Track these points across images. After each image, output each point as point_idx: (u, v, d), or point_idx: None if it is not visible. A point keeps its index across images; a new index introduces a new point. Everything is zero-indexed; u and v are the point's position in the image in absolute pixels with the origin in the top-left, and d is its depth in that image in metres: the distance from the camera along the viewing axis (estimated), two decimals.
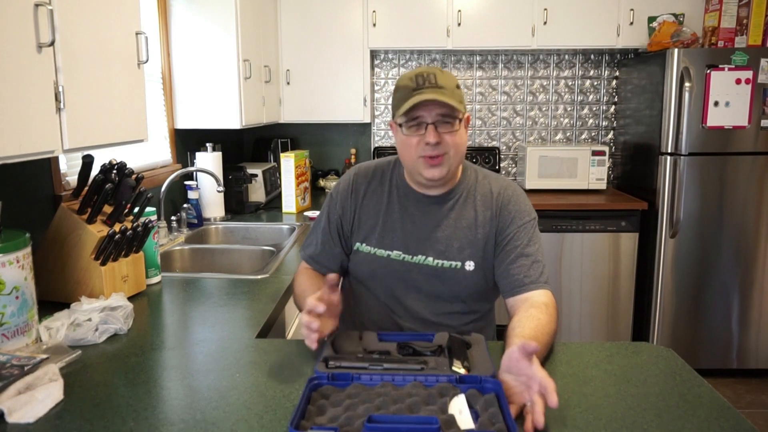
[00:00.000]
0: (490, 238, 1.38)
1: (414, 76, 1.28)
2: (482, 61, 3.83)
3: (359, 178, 1.46)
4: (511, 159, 3.93)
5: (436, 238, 1.38)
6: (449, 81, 1.29)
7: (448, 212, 1.39)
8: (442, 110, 1.27)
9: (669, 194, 3.07)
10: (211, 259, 2.36)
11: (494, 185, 1.42)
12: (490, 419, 0.94)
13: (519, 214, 1.38)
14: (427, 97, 1.24)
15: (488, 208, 1.39)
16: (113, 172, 1.60)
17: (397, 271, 1.40)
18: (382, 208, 1.42)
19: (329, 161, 3.94)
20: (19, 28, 1.17)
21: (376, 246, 1.41)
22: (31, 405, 1.01)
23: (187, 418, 1.00)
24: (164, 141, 2.74)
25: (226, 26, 2.64)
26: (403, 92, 1.28)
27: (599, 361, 1.22)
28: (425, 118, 1.27)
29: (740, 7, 3.16)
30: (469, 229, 1.38)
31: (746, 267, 3.11)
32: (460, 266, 1.37)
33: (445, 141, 1.28)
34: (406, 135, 1.31)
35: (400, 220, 1.40)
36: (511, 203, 1.39)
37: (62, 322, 1.35)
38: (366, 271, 1.43)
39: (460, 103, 1.28)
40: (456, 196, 1.40)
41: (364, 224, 1.43)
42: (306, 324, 1.14)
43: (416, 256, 1.38)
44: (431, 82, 1.26)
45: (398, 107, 1.29)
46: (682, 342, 3.17)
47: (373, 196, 1.44)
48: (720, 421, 0.98)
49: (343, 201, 1.45)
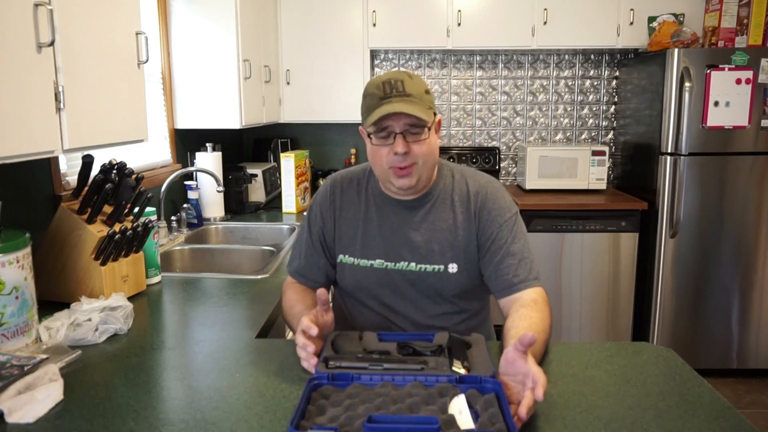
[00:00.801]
0: (471, 239, 1.36)
1: (381, 84, 1.26)
2: (482, 61, 3.83)
3: (335, 188, 1.45)
4: (511, 159, 3.93)
5: (416, 243, 1.37)
6: (418, 87, 1.26)
7: (425, 216, 1.38)
8: (410, 120, 1.25)
9: (669, 194, 3.07)
10: (211, 259, 2.36)
11: (471, 184, 1.40)
12: (490, 419, 0.94)
13: (499, 212, 1.36)
14: (395, 108, 1.22)
15: (466, 209, 1.37)
16: (113, 172, 1.60)
17: (382, 279, 1.39)
18: (360, 217, 1.41)
19: (329, 161, 3.94)
20: (19, 28, 1.17)
21: (359, 257, 1.40)
22: (31, 405, 1.01)
23: (187, 418, 1.00)
24: (164, 141, 2.74)
25: (226, 26, 2.64)
26: (371, 100, 1.27)
27: (599, 361, 1.22)
28: (393, 128, 1.26)
29: (740, 7, 3.16)
30: (449, 231, 1.37)
31: (746, 267, 3.11)
32: (443, 269, 1.36)
33: (414, 151, 1.27)
34: (375, 145, 1.29)
35: (378, 228, 1.40)
36: (488, 202, 1.37)
37: (62, 322, 1.35)
38: (352, 282, 1.42)
39: (429, 110, 1.27)
40: (432, 198, 1.39)
41: (344, 234, 1.42)
42: (302, 346, 1.15)
43: (398, 263, 1.38)
44: (399, 90, 1.24)
45: (366, 116, 1.28)
46: (682, 342, 3.17)
47: (350, 206, 1.43)
48: (720, 422, 0.98)
49: (323, 212, 1.45)
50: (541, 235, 3.19)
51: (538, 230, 3.18)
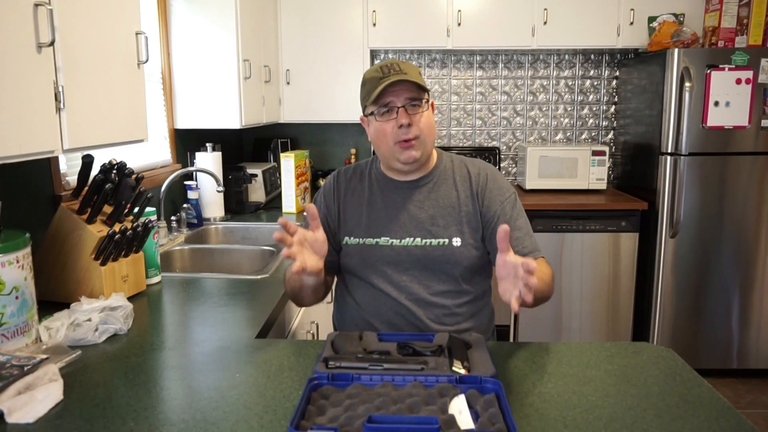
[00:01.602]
0: (475, 215, 1.43)
1: (379, 68, 1.37)
2: (482, 61, 3.83)
3: (340, 178, 1.54)
4: (511, 159, 3.93)
5: (421, 219, 1.43)
6: (412, 69, 1.38)
7: (429, 193, 1.46)
8: (410, 94, 1.35)
9: (669, 194, 3.07)
10: (210, 259, 2.36)
11: (471, 167, 1.49)
12: (490, 419, 0.94)
13: (500, 191, 1.45)
14: (396, 78, 1.33)
15: (468, 187, 1.45)
16: (113, 172, 1.60)
17: (387, 256, 1.43)
18: (364, 201, 1.48)
19: (329, 161, 3.94)
20: (19, 28, 1.17)
21: (364, 236, 1.45)
22: (30, 405, 1.01)
23: (187, 418, 1.00)
24: (164, 141, 2.74)
25: (226, 26, 2.64)
26: (371, 83, 1.37)
27: (599, 361, 1.22)
28: (395, 103, 1.35)
29: (740, 7, 3.16)
30: (452, 207, 1.44)
31: (746, 267, 3.11)
32: (447, 243, 1.42)
33: (416, 123, 1.36)
34: (379, 122, 1.38)
35: (383, 208, 1.46)
36: (489, 182, 1.46)
37: (62, 322, 1.35)
38: (357, 261, 1.46)
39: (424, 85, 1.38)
40: (434, 177, 1.47)
41: (350, 219, 1.48)
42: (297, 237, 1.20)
43: (404, 239, 1.43)
44: (395, 69, 1.35)
45: (368, 97, 1.37)
46: (682, 342, 3.17)
47: (354, 192, 1.50)
48: (720, 422, 0.98)
49: (328, 201, 1.51)
50: (541, 235, 3.18)
51: (538, 230, 3.18)
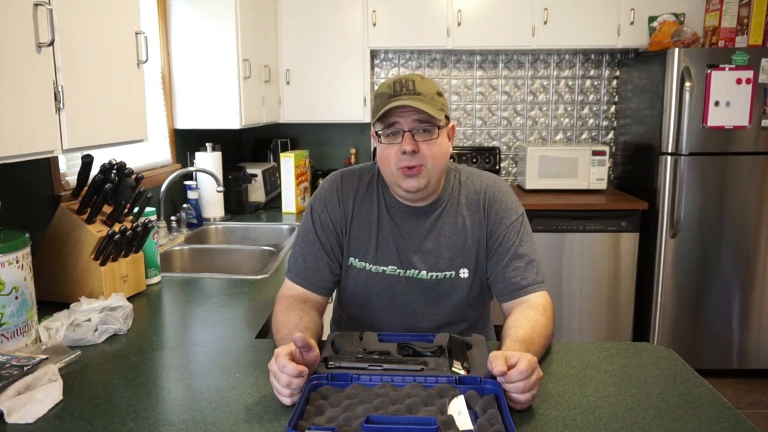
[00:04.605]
0: (481, 241, 1.35)
1: (392, 83, 1.24)
2: (482, 60, 3.83)
3: (345, 187, 1.38)
4: (512, 159, 3.93)
5: (426, 250, 1.35)
6: (429, 88, 1.24)
7: (435, 222, 1.35)
8: (419, 116, 1.22)
9: (669, 194, 3.07)
10: (210, 259, 2.36)
11: (478, 185, 1.38)
12: (488, 420, 0.94)
13: (506, 213, 1.35)
14: (402, 102, 1.20)
15: (475, 212, 1.35)
16: (113, 172, 1.60)
17: (393, 286, 1.36)
18: (373, 221, 1.36)
19: (329, 161, 3.94)
20: (19, 28, 1.17)
21: (372, 262, 1.36)
22: (30, 405, 1.01)
23: (187, 418, 1.00)
24: (164, 141, 2.74)
25: (226, 26, 2.64)
26: (380, 99, 1.25)
27: (599, 361, 1.22)
28: (401, 125, 1.23)
29: (741, 6, 3.15)
30: (458, 236, 1.35)
31: (747, 267, 3.11)
32: (455, 275, 1.35)
33: (423, 151, 1.23)
34: (384, 145, 1.26)
35: (391, 234, 1.35)
36: (496, 203, 1.35)
37: (62, 322, 1.35)
38: (361, 287, 1.38)
39: (440, 111, 1.24)
40: (442, 204, 1.36)
41: (356, 237, 1.37)
42: (286, 376, 1.00)
43: (409, 270, 1.35)
44: (409, 88, 1.22)
45: (375, 114, 1.26)
46: (682, 342, 3.17)
47: (362, 206, 1.37)
48: (720, 422, 0.98)
49: (331, 211, 1.37)
50: (541, 235, 3.18)
51: (539, 230, 3.18)
